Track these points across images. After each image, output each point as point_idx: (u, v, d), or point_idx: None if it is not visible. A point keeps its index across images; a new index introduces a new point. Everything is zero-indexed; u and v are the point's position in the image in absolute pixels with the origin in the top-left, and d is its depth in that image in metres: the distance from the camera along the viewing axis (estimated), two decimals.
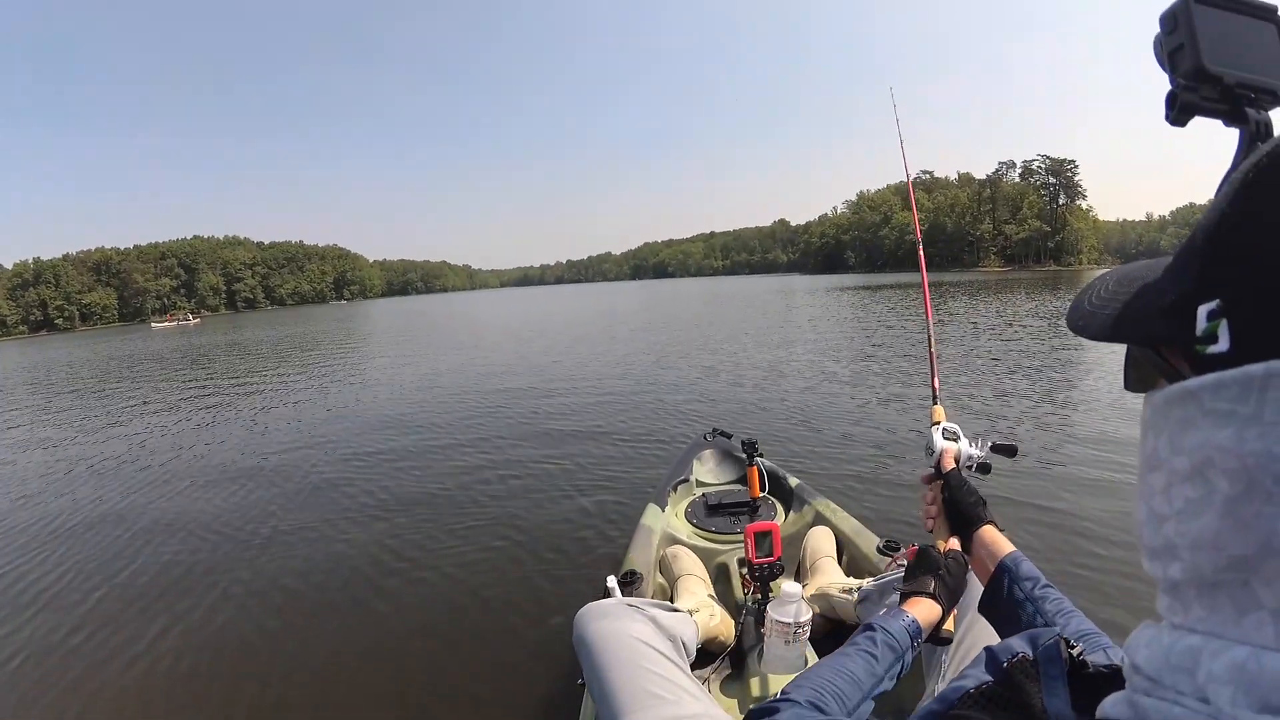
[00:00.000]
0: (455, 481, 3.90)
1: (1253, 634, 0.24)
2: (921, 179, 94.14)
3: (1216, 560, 0.25)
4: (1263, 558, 0.23)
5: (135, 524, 3.59)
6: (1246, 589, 0.24)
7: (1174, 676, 0.27)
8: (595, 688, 1.01)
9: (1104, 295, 0.35)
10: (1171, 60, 0.33)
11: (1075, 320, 0.36)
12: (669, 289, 54.35)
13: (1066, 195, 76.91)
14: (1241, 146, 0.33)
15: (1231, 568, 0.25)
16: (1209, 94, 0.33)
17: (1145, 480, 0.30)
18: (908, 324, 12.19)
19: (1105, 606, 2.08)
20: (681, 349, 10.25)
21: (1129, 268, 0.36)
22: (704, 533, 2.10)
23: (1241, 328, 0.25)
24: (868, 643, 0.74)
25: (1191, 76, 0.32)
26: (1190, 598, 0.28)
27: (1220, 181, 0.29)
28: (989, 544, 0.83)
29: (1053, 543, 2.58)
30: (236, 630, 2.34)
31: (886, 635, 0.74)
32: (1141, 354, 0.32)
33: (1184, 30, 0.32)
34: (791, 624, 1.24)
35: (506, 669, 2.01)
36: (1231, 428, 0.24)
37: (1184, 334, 0.27)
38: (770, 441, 4.07)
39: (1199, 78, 0.32)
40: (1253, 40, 0.33)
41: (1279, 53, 0.34)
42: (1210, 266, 0.26)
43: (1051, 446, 3.87)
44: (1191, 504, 0.26)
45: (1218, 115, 0.34)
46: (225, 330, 31.46)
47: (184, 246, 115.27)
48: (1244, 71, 0.33)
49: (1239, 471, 0.24)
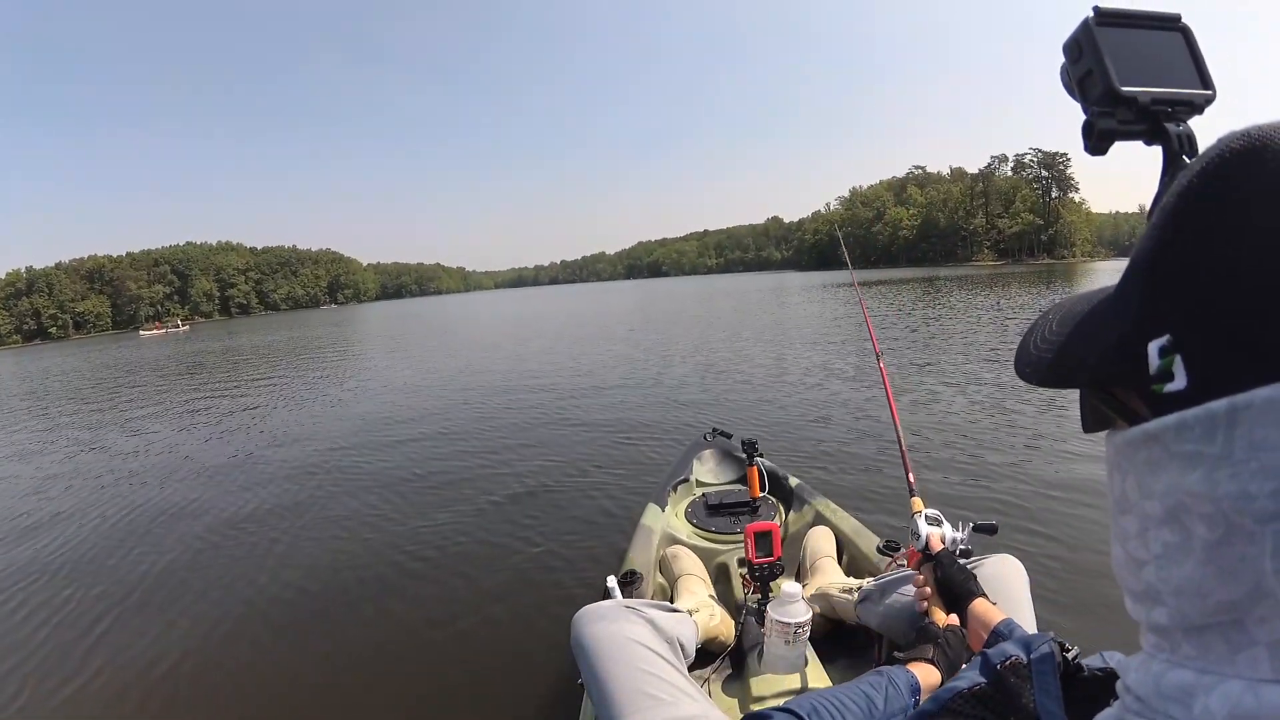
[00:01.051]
0: (454, 483, 3.89)
1: (1247, 669, 0.23)
2: (914, 173, 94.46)
3: (1204, 606, 0.24)
4: (1254, 600, 0.22)
5: (136, 530, 3.57)
6: (1239, 628, 0.24)
7: (1165, 704, 0.26)
8: (593, 690, 1.02)
9: (1048, 337, 0.33)
10: (1081, 88, 0.32)
11: (1022, 367, 0.34)
12: (664, 288, 54.27)
13: (1059, 188, 77.27)
14: (1166, 164, 0.32)
15: (1220, 611, 0.24)
16: (1125, 116, 0.32)
17: (1118, 523, 0.29)
18: (908, 319, 12.23)
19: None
20: (679, 348, 10.25)
21: (1071, 302, 0.34)
22: (704, 533, 2.10)
23: (1198, 363, 0.23)
24: (875, 680, 0.78)
25: (1104, 101, 0.32)
26: (1178, 639, 0.26)
27: (1151, 204, 0.28)
28: (981, 615, 0.92)
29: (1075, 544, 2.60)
30: (240, 629, 2.33)
31: (893, 684, 0.78)
32: (1095, 395, 0.31)
33: (1090, 55, 0.31)
34: (792, 624, 1.24)
35: (507, 669, 2.01)
36: (1201, 470, 0.23)
37: (1137, 374, 0.25)
38: (770, 441, 4.08)
39: (1112, 101, 0.32)
40: (1161, 53, 0.33)
41: (1188, 62, 0.33)
42: (1154, 299, 0.25)
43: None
44: (1170, 549, 0.25)
45: (1137, 137, 0.33)
46: (217, 337, 31.31)
47: (177, 253, 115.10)
48: (1157, 86, 0.32)
49: (1216, 516, 0.23)
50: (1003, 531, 2.45)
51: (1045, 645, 0.40)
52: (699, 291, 37.58)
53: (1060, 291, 18.43)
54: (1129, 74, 0.31)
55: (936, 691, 0.42)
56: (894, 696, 0.77)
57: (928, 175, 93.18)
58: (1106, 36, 0.31)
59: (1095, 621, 1.96)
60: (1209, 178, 0.23)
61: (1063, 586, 2.19)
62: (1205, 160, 0.23)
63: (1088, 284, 22.15)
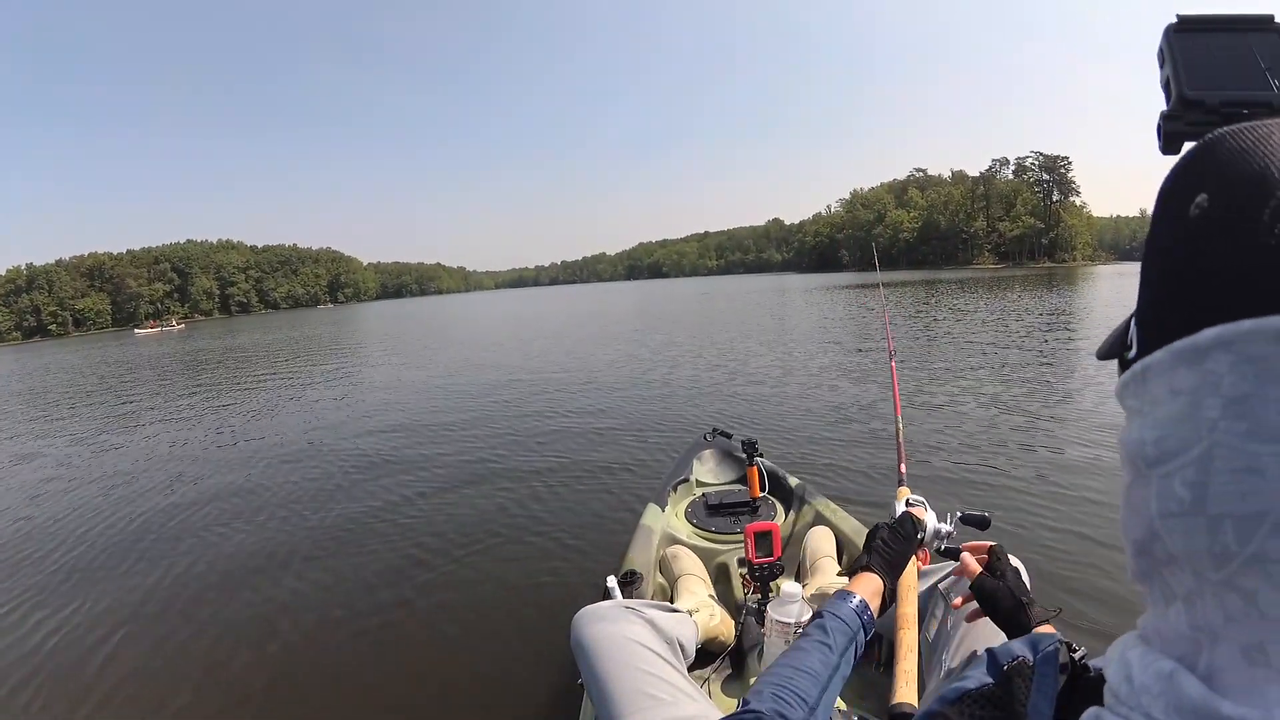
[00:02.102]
0: (452, 482, 3.89)
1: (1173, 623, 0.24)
2: (915, 176, 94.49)
3: (1128, 548, 0.26)
4: (1150, 541, 0.24)
5: (142, 535, 3.57)
6: (1160, 579, 0.25)
7: (1137, 696, 0.26)
8: (593, 690, 1.02)
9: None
10: (1165, 92, 0.34)
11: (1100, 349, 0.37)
12: (664, 289, 54.20)
13: (1060, 192, 77.32)
14: None
15: (1140, 553, 0.25)
16: (1194, 119, 0.32)
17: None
18: (911, 321, 12.23)
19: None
20: (681, 349, 10.24)
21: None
22: (704, 533, 2.10)
23: (1140, 331, 0.26)
24: (819, 632, 0.76)
25: (1176, 105, 0.33)
26: (1145, 597, 0.28)
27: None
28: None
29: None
30: (243, 628, 2.33)
31: (836, 620, 0.77)
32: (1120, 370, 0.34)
33: (1169, 62, 0.32)
34: (792, 624, 1.24)
35: (507, 669, 2.00)
36: (1135, 422, 0.26)
37: (1123, 346, 0.29)
38: (771, 441, 4.08)
39: (1181, 105, 0.33)
40: (1242, 55, 0.33)
41: (1273, 62, 0.33)
42: (1140, 287, 0.28)
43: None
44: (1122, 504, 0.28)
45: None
46: (216, 335, 31.32)
47: (177, 250, 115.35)
48: (1229, 90, 0.32)
49: (1127, 460, 0.26)
50: (1002, 532, 2.43)
51: (1051, 645, 0.41)
52: (699, 293, 37.58)
53: (1061, 295, 18.42)
54: (1198, 79, 0.32)
55: (943, 691, 0.42)
56: (840, 630, 0.76)
57: (929, 178, 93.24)
58: (1185, 42, 0.32)
59: (1108, 613, 1.96)
60: (1173, 174, 0.25)
61: (1070, 579, 2.19)
62: (1179, 159, 0.25)
63: (1088, 287, 22.16)
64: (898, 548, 0.93)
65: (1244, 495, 0.20)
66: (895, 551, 0.92)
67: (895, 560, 0.91)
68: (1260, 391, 0.20)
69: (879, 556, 0.90)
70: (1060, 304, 15.16)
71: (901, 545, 0.94)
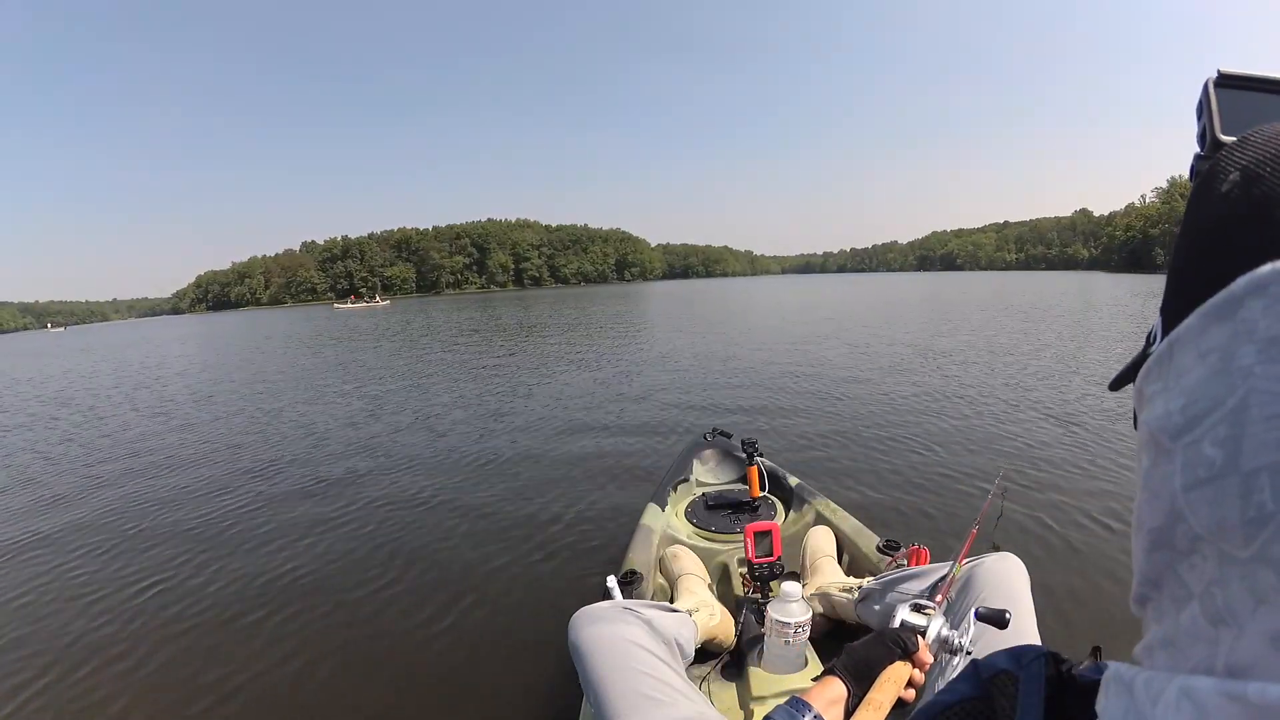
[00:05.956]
0: (453, 483, 3.89)
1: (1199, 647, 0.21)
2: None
3: (1140, 543, 0.24)
4: (1172, 524, 0.22)
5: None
6: (1174, 579, 0.23)
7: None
8: (590, 692, 1.02)
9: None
10: (1199, 144, 0.34)
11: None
12: (956, 284, 45.98)
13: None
14: None
15: (1154, 545, 0.24)
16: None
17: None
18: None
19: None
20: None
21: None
22: (704, 532, 2.10)
23: (1164, 318, 0.26)
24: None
25: (1210, 147, 0.33)
26: (1147, 617, 0.26)
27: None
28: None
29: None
30: (246, 627, 2.33)
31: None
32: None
33: (1206, 113, 0.33)
34: (792, 624, 1.25)
35: (507, 669, 2.00)
36: (1158, 400, 0.25)
37: (1144, 359, 0.28)
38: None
39: (1214, 148, 0.33)
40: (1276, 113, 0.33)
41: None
42: (1167, 281, 0.28)
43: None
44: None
45: None
46: (413, 312, 30.74)
47: (477, 228, 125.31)
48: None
49: (1148, 442, 0.24)
50: (1006, 532, 2.37)
51: (1036, 656, 0.39)
52: (994, 291, 28.59)
53: None
54: (1234, 125, 0.32)
55: (923, 706, 0.41)
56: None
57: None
58: (1225, 96, 0.33)
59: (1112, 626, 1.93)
60: (1208, 168, 0.25)
61: (1070, 588, 2.16)
62: (1203, 170, 0.25)
63: None
64: (872, 654, 0.86)
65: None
66: (866, 657, 0.86)
67: (862, 667, 0.85)
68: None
69: (849, 658, 0.85)
70: None
71: (878, 653, 0.87)
